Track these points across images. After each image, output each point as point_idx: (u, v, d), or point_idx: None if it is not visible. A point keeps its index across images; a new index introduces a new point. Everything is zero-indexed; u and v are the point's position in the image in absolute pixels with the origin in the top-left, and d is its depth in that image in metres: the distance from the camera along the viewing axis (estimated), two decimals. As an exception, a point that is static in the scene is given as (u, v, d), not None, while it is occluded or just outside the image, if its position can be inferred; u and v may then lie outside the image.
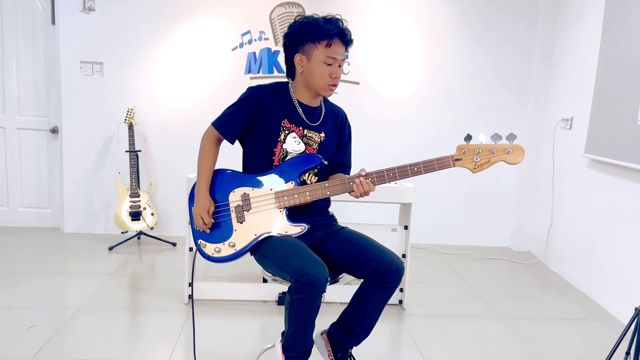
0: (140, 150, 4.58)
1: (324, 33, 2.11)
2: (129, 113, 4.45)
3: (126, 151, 4.43)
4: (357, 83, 4.82)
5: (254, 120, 2.20)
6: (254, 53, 4.70)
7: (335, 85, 2.20)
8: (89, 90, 4.64)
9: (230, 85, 4.66)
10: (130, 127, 4.43)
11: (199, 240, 2.17)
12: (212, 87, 4.69)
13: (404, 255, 3.45)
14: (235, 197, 2.17)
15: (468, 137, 2.08)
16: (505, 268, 4.50)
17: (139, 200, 4.43)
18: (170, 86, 4.71)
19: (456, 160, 2.09)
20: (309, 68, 2.17)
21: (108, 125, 4.69)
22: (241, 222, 2.15)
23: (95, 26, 4.56)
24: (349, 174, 2.38)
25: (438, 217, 5.05)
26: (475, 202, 5.05)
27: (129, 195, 4.41)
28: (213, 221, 2.17)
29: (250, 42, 4.69)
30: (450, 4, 4.78)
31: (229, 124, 2.21)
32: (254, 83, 2.31)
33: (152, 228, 4.47)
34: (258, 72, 4.71)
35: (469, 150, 2.08)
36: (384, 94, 4.87)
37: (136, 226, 4.42)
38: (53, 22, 4.61)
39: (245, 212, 2.15)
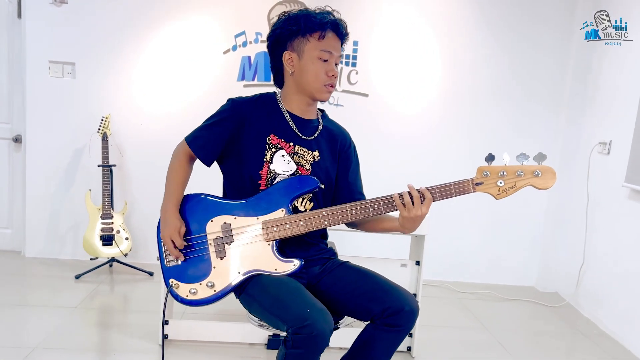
0: (114, 165, 4.48)
1: (315, 23, 2.04)
2: (103, 122, 4.37)
3: (99, 165, 4.34)
4: (366, 95, 4.75)
5: (233, 139, 2.10)
6: (249, 57, 4.63)
7: (332, 86, 2.12)
8: (58, 94, 4.56)
9: (220, 93, 4.55)
10: (104, 138, 4.34)
11: (171, 280, 2.06)
12: (199, 94, 4.61)
13: (414, 295, 3.33)
14: (214, 227, 2.07)
15: (490, 157, 1.99)
16: (529, 311, 4.41)
17: (112, 223, 4.33)
18: (151, 92, 4.64)
19: (477, 184, 2.00)
20: (301, 67, 2.09)
21: (79, 135, 4.60)
22: (221, 258, 2.04)
23: (68, 21, 4.49)
24: None
25: (453, 250, 4.96)
26: (496, 235, 4.96)
27: (101, 217, 4.31)
28: (185, 244, 2.06)
29: (244, 44, 4.63)
30: (473, 9, 4.73)
31: (202, 141, 2.12)
32: (248, 91, 2.25)
33: (126, 255, 4.36)
34: (253, 79, 4.63)
35: (491, 173, 2.00)
36: (396, 107, 4.80)
37: (108, 252, 4.31)
38: (19, 15, 4.55)
39: (226, 246, 2.05)
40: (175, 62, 4.62)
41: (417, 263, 3.35)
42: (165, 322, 3.27)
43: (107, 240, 4.30)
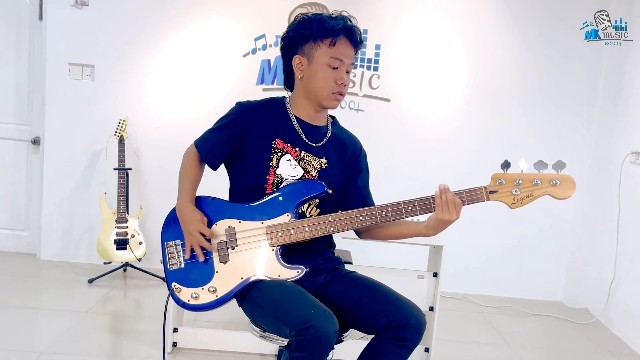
0: (130, 168, 4.52)
1: (327, 29, 2.02)
2: (120, 124, 4.42)
3: (115, 169, 4.39)
4: (388, 100, 4.74)
5: (239, 143, 2.11)
6: (269, 61, 4.65)
7: (341, 94, 2.10)
8: (77, 96, 4.63)
9: (239, 97, 4.45)
10: (121, 141, 4.39)
11: (173, 284, 2.07)
12: (218, 98, 4.64)
13: (431, 308, 3.30)
14: (218, 230, 2.08)
15: (506, 165, 1.95)
16: (556, 328, 4.33)
17: (127, 227, 4.37)
18: (169, 96, 4.68)
19: (490, 192, 1.97)
20: (310, 72, 2.08)
21: (96, 138, 4.66)
22: (224, 262, 2.05)
23: (88, 23, 4.56)
24: None
25: (476, 262, 4.90)
26: (522, 246, 4.90)
27: (115, 220, 4.35)
28: (213, 233, 2.07)
29: (264, 47, 4.64)
30: (501, 11, 4.69)
31: (209, 144, 2.15)
32: (267, 95, 2.26)
33: (140, 259, 4.39)
34: (272, 83, 4.65)
35: (506, 181, 1.97)
36: (418, 113, 4.78)
37: (122, 256, 4.34)
38: (40, 17, 4.63)
39: (229, 250, 2.05)
40: (195, 65, 4.66)
41: (435, 275, 3.31)
42: (174, 330, 3.27)
43: (121, 244, 4.33)
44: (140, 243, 4.40)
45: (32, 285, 4.20)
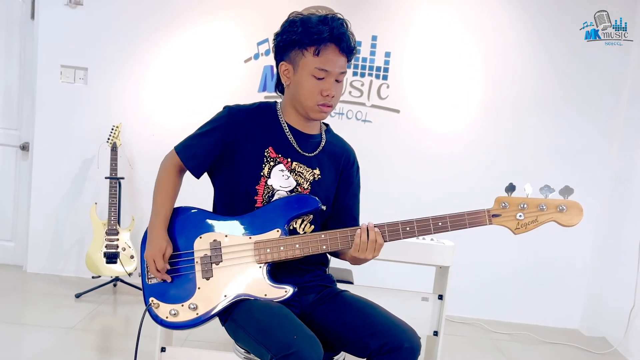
0: (123, 178, 4.54)
1: (312, 37, 1.97)
2: (113, 131, 4.44)
3: (106, 177, 4.41)
4: (397, 111, 4.74)
5: (226, 150, 2.10)
6: (272, 67, 4.66)
7: (328, 106, 2.06)
8: (69, 100, 4.67)
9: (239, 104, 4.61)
10: (114, 149, 4.41)
11: (151, 299, 2.06)
12: (217, 105, 4.51)
13: (435, 333, 3.28)
14: (202, 244, 2.06)
15: (511, 188, 1.96)
16: (572, 357, 4.30)
17: (117, 239, 4.38)
18: (165, 102, 4.71)
19: (494, 216, 1.97)
20: (295, 81, 2.05)
21: (88, 145, 4.69)
22: (207, 278, 2.03)
23: (82, 24, 4.60)
24: None
25: (488, 284, 4.88)
26: (536, 270, 4.87)
27: (106, 232, 4.36)
28: (168, 267, 2.05)
29: (267, 53, 4.66)
30: (521, 16, 4.70)
31: (192, 150, 2.12)
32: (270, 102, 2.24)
33: (130, 274, 4.39)
34: (275, 91, 4.64)
35: (510, 205, 1.96)
36: (430, 125, 4.79)
37: (112, 270, 4.35)
38: (32, 16, 4.67)
39: (213, 266, 2.03)
40: (193, 70, 4.69)
41: (440, 297, 3.29)
42: (162, 349, 3.26)
43: (112, 257, 4.33)
44: (132, 257, 4.40)
45: (17, 299, 4.21)
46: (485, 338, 4.47)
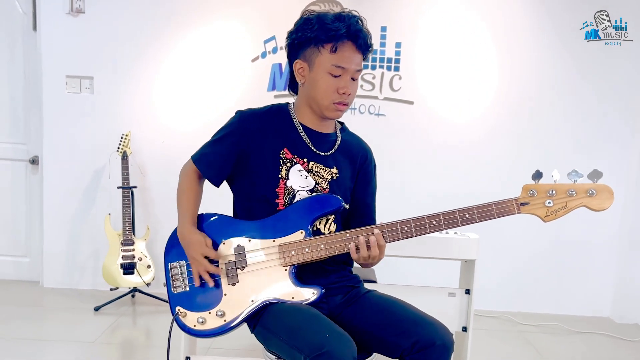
0: (135, 187, 4.57)
1: (328, 33, 1.99)
2: (123, 140, 4.47)
3: (118, 187, 4.44)
4: (411, 102, 4.74)
5: (242, 155, 2.12)
6: (280, 65, 4.68)
7: (345, 105, 2.08)
8: (76, 111, 4.70)
9: (248, 105, 4.50)
10: (124, 157, 4.43)
11: (178, 308, 2.08)
12: (226, 107, 4.59)
13: (464, 329, 3.27)
14: (226, 250, 2.08)
15: (537, 175, 1.97)
16: (604, 346, 4.28)
17: (133, 249, 4.41)
18: (174, 107, 4.73)
19: (522, 204, 1.98)
20: (311, 79, 2.07)
21: (98, 155, 4.72)
22: (233, 284, 2.05)
23: (85, 32, 4.63)
24: None
25: (514, 277, 4.87)
26: (564, 258, 4.86)
27: (121, 243, 4.39)
28: (222, 254, 2.07)
29: (274, 50, 4.67)
30: (534, 3, 4.67)
31: (209, 158, 2.16)
32: (279, 102, 2.25)
33: (148, 284, 4.43)
34: (285, 89, 4.67)
35: (538, 192, 1.97)
36: (445, 116, 4.77)
37: (129, 281, 4.38)
38: (35, 27, 4.70)
39: (239, 271, 2.06)
40: (200, 72, 4.70)
41: (467, 292, 3.28)
42: (186, 359, 3.28)
43: (128, 268, 4.36)
44: (149, 267, 4.43)
45: (35, 315, 4.24)
46: (513, 331, 4.46)
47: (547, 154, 4.72)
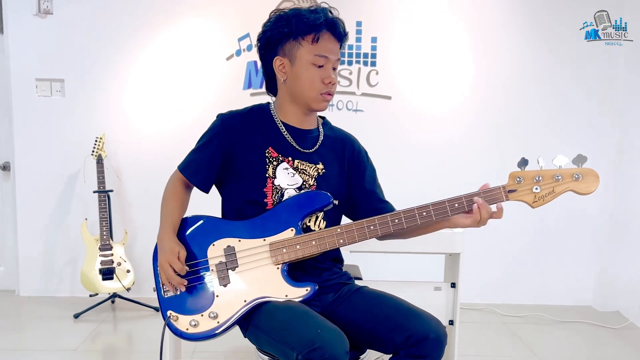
0: (112, 190, 4.54)
1: (307, 25, 2.02)
2: (97, 143, 4.44)
3: (94, 191, 4.41)
4: (389, 97, 4.77)
5: (227, 158, 2.13)
6: (255, 62, 4.68)
7: (330, 94, 2.12)
8: (47, 114, 4.66)
9: (225, 104, 4.47)
10: (99, 161, 4.41)
11: (169, 312, 2.07)
12: (202, 107, 4.66)
13: (451, 322, 3.31)
14: (216, 251, 2.08)
15: (523, 162, 2.00)
16: (587, 334, 4.34)
17: (112, 254, 4.38)
18: (149, 108, 4.72)
19: (510, 192, 2.01)
20: (294, 74, 2.09)
21: (72, 159, 4.68)
22: (225, 285, 2.05)
23: (54, 34, 4.59)
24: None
25: (497, 268, 4.93)
26: (545, 248, 4.92)
27: (99, 248, 4.37)
28: (187, 269, 2.06)
29: (249, 48, 4.68)
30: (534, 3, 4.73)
31: (195, 165, 2.16)
32: (256, 100, 2.27)
33: (128, 289, 4.40)
34: (261, 87, 4.66)
35: (525, 179, 2.00)
36: (422, 110, 4.81)
37: (109, 287, 4.36)
38: (1, 29, 4.65)
39: (230, 271, 2.06)
40: (174, 72, 4.69)
41: (453, 285, 3.32)
42: (171, 363, 3.27)
43: (107, 274, 4.34)
44: (128, 271, 4.41)
45: (12, 325, 4.21)
46: (498, 323, 4.51)
47: (526, 142, 4.78)
